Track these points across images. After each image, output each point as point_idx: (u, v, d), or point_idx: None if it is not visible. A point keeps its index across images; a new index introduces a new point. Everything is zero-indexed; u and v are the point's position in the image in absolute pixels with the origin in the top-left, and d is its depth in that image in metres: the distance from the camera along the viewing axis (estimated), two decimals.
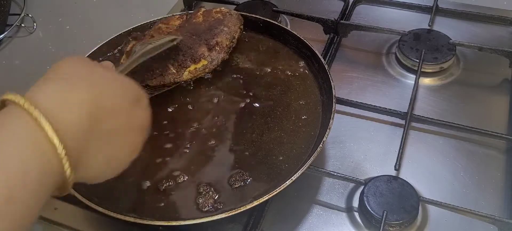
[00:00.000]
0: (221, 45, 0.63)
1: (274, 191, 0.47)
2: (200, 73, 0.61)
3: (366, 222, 0.52)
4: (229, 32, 0.64)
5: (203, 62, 0.61)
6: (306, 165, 0.49)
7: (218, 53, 0.62)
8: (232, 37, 0.65)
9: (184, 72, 0.60)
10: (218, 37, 0.63)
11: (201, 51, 0.61)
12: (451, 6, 0.80)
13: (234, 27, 0.65)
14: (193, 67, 0.61)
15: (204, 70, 0.61)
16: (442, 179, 0.56)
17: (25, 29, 0.85)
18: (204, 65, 0.61)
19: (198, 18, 0.67)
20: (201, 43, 0.62)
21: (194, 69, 0.61)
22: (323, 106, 0.59)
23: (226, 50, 0.63)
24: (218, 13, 0.67)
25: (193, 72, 0.61)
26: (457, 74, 0.70)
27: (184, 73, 0.60)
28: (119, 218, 0.46)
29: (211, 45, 0.62)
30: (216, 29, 0.64)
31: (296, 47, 0.67)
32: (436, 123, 0.61)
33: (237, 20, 0.67)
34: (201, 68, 0.61)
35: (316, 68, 0.63)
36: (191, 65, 0.60)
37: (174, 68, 0.60)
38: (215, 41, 0.62)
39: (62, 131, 0.31)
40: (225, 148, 0.55)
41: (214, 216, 0.46)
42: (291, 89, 0.62)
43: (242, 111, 0.59)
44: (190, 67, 0.60)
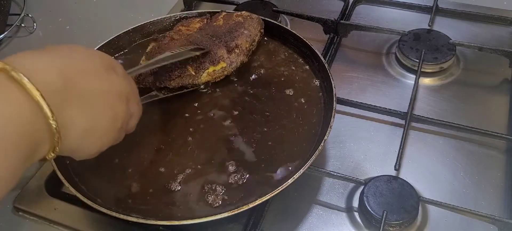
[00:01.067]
0: (241, 48, 0.63)
1: (274, 190, 0.47)
2: (218, 76, 0.61)
3: (366, 222, 0.52)
4: (249, 35, 0.64)
5: (222, 65, 0.61)
6: (307, 164, 0.49)
7: (237, 55, 0.62)
8: (252, 40, 0.65)
9: (203, 74, 0.60)
10: (238, 39, 0.63)
11: (220, 54, 0.61)
12: (451, 6, 0.80)
13: (254, 31, 0.65)
14: (212, 69, 0.60)
15: (222, 73, 0.61)
16: (442, 179, 0.56)
17: (25, 29, 0.85)
18: (223, 68, 0.61)
19: (219, 21, 0.67)
20: (220, 46, 0.62)
21: (213, 71, 0.61)
22: (324, 105, 0.59)
23: (245, 53, 0.63)
24: (238, 16, 0.67)
25: (212, 74, 0.61)
26: (457, 74, 0.70)
27: (203, 75, 0.60)
28: (122, 218, 0.46)
29: (230, 47, 0.62)
30: (236, 32, 0.64)
31: (296, 47, 0.67)
32: (436, 123, 0.61)
33: (257, 24, 0.66)
34: (219, 70, 0.61)
35: (316, 67, 0.63)
36: (209, 67, 0.60)
37: (192, 70, 0.60)
38: (235, 44, 0.62)
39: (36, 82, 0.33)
40: (226, 147, 0.55)
41: (216, 215, 0.46)
42: (292, 88, 0.62)
43: (243, 111, 0.59)
44: (208, 69, 0.60)
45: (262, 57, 0.67)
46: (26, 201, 0.56)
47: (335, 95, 0.56)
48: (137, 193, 0.51)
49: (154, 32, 0.71)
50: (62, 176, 0.50)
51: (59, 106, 0.35)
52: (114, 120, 0.42)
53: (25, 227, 0.55)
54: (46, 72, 0.35)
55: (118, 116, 0.43)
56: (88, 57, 0.41)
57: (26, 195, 0.56)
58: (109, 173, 0.53)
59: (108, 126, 0.42)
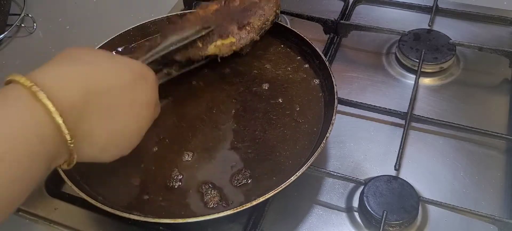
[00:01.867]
0: (252, 26, 0.62)
1: (275, 189, 0.47)
2: (226, 51, 0.61)
3: (366, 222, 0.52)
4: (263, 14, 0.64)
5: (231, 39, 0.61)
6: (308, 163, 0.49)
7: (247, 32, 0.62)
8: (266, 19, 0.64)
9: (210, 46, 0.60)
10: (250, 18, 0.63)
11: (230, 29, 0.61)
12: (451, 6, 0.80)
13: (269, 11, 0.65)
14: (220, 42, 0.60)
15: (230, 47, 0.61)
16: (442, 179, 0.56)
17: (25, 29, 0.85)
18: (231, 42, 0.61)
19: (235, 2, 0.66)
20: (232, 22, 0.62)
21: (221, 44, 0.60)
22: (325, 103, 0.59)
23: (257, 31, 0.63)
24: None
25: (219, 46, 0.60)
26: (457, 74, 0.70)
27: (210, 47, 0.60)
28: (124, 216, 0.46)
29: (242, 24, 0.62)
30: (250, 11, 0.64)
31: (296, 45, 0.67)
32: (436, 123, 0.61)
33: (273, 4, 0.66)
34: (228, 44, 0.61)
35: (317, 65, 0.63)
36: (218, 39, 0.60)
37: (200, 42, 0.59)
38: (247, 21, 0.62)
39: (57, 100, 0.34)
40: (227, 145, 0.55)
41: (216, 214, 0.46)
42: (293, 86, 0.62)
43: (243, 109, 0.59)
44: (216, 41, 0.60)
45: (263, 56, 0.67)
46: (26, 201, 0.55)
47: (336, 93, 0.56)
48: (138, 192, 0.51)
49: (154, 32, 0.71)
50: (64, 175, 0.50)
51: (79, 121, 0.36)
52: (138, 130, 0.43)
53: (25, 227, 0.55)
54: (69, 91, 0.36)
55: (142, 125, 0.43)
56: (117, 71, 0.41)
57: None
58: (110, 173, 0.53)
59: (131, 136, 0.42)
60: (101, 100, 0.38)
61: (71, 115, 0.35)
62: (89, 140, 0.38)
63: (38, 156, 0.33)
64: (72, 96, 0.36)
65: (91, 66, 0.39)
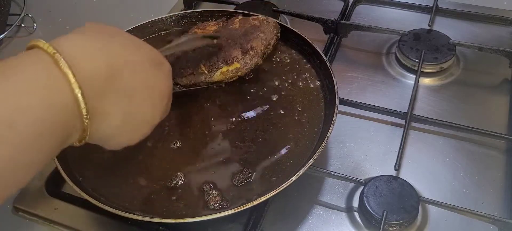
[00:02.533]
0: (256, 50, 0.62)
1: (275, 189, 0.47)
2: (231, 76, 0.61)
3: (366, 222, 0.52)
4: (264, 38, 0.64)
5: (235, 65, 0.61)
6: (309, 163, 0.49)
7: (252, 57, 0.62)
8: (268, 43, 0.64)
9: (216, 73, 0.60)
10: (253, 42, 0.63)
11: (234, 54, 0.61)
12: (451, 6, 0.80)
13: (270, 34, 0.65)
14: (225, 68, 0.60)
15: (236, 73, 0.61)
16: (442, 179, 0.56)
17: (25, 29, 0.86)
18: (236, 68, 0.61)
19: (235, 24, 0.66)
20: (235, 47, 0.62)
21: (226, 70, 0.60)
22: (326, 103, 0.59)
23: (260, 55, 0.63)
24: (255, 20, 0.67)
25: (225, 73, 0.61)
26: (457, 74, 0.70)
27: (216, 74, 0.60)
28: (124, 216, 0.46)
29: (245, 49, 0.62)
30: (251, 35, 0.63)
31: (297, 46, 0.67)
32: (436, 123, 0.61)
33: (273, 28, 0.66)
34: (233, 70, 0.61)
35: (318, 66, 0.63)
36: (223, 66, 0.60)
37: (206, 69, 0.60)
38: (250, 46, 0.62)
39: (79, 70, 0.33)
40: (228, 145, 0.55)
41: (217, 214, 0.46)
42: (293, 86, 0.62)
43: (245, 108, 0.59)
44: (222, 68, 0.60)
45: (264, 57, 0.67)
46: (26, 201, 0.56)
47: (337, 93, 0.56)
48: (138, 192, 0.51)
49: (155, 31, 0.72)
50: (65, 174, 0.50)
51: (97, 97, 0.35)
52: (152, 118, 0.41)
53: (25, 227, 0.55)
54: (93, 64, 0.35)
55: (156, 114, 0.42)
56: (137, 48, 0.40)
57: (26, 195, 0.56)
58: (111, 173, 0.53)
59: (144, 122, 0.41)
60: (122, 78, 0.37)
61: (91, 89, 0.34)
62: (104, 119, 0.36)
63: (51, 125, 0.32)
64: (94, 68, 0.34)
65: (115, 42, 0.38)
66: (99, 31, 0.38)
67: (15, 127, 0.29)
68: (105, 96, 0.36)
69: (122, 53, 0.38)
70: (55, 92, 0.32)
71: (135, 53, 0.39)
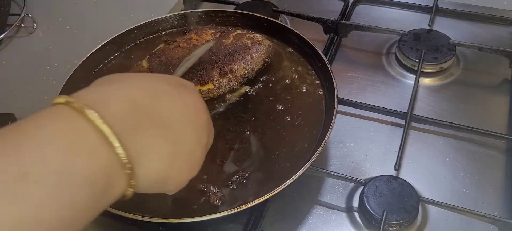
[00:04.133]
0: (235, 74, 0.60)
1: (274, 190, 0.47)
2: (203, 96, 0.58)
3: (366, 222, 0.52)
4: (249, 62, 0.61)
5: (209, 86, 0.59)
6: (308, 165, 0.49)
7: (228, 81, 0.59)
8: (252, 68, 0.61)
9: None
10: (235, 64, 0.60)
11: (211, 75, 0.59)
12: (451, 6, 0.80)
13: (258, 59, 0.62)
14: (198, 88, 0.58)
15: (207, 94, 0.59)
16: (442, 179, 0.56)
17: (25, 29, 0.85)
18: (209, 89, 0.59)
19: (229, 39, 0.64)
20: (215, 66, 0.60)
21: (198, 90, 0.57)
22: (325, 105, 0.59)
23: (239, 80, 0.60)
24: (249, 39, 0.64)
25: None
26: (457, 74, 0.70)
27: None
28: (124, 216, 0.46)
29: (224, 71, 0.59)
30: (237, 55, 0.61)
31: (298, 46, 0.67)
32: (436, 123, 0.61)
33: (264, 52, 0.63)
34: (205, 91, 0.59)
35: (318, 67, 0.63)
36: (197, 85, 0.58)
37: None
38: (230, 68, 0.60)
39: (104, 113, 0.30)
40: (227, 147, 0.55)
41: (217, 214, 0.46)
42: (293, 87, 0.62)
43: (244, 110, 0.59)
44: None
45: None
46: None
47: (337, 96, 0.56)
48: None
49: (158, 30, 0.72)
50: None
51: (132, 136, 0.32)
52: (198, 137, 0.38)
53: None
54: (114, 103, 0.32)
55: (201, 131, 0.39)
56: (155, 80, 0.38)
57: None
58: None
59: (194, 144, 0.38)
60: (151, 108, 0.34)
61: (123, 128, 0.31)
62: (150, 153, 0.33)
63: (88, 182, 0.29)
64: (119, 109, 0.32)
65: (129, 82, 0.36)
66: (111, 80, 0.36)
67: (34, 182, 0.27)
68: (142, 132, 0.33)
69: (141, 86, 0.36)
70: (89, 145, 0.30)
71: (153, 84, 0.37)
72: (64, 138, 0.29)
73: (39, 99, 0.70)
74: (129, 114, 0.32)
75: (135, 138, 0.32)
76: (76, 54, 0.65)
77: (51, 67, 0.77)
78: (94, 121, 0.30)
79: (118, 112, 0.32)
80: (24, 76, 0.77)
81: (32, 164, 0.27)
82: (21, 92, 0.73)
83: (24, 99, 0.72)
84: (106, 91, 0.34)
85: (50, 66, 0.77)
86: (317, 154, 0.50)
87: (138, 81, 0.37)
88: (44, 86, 0.74)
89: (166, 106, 0.36)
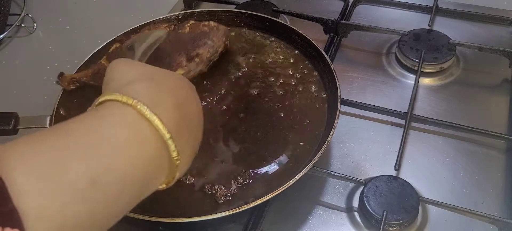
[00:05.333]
0: (201, 58, 0.61)
1: (275, 191, 0.47)
2: None
3: (366, 222, 0.52)
4: (212, 45, 0.63)
5: (180, 72, 0.60)
6: (310, 164, 0.49)
7: (196, 64, 0.61)
8: (215, 51, 0.63)
9: None
10: (200, 49, 0.62)
11: (179, 61, 0.60)
12: (451, 6, 0.80)
13: (218, 42, 0.64)
14: None
15: None
16: (442, 179, 0.56)
17: (25, 29, 0.85)
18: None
19: (185, 29, 0.65)
20: (181, 53, 0.61)
21: None
22: (328, 106, 0.59)
23: (206, 62, 0.62)
24: (205, 26, 0.65)
25: None
26: (457, 74, 0.70)
27: None
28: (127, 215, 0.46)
29: (191, 56, 0.61)
30: (199, 41, 0.62)
31: (301, 47, 0.67)
32: (436, 123, 0.61)
33: (222, 35, 0.64)
34: None
35: (321, 67, 0.63)
36: None
37: None
38: (196, 53, 0.61)
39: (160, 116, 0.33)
40: (229, 146, 0.55)
41: (217, 214, 0.46)
42: (296, 88, 0.62)
43: (246, 110, 0.59)
44: None
45: (265, 57, 0.67)
46: None
47: (340, 97, 0.56)
48: None
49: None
50: None
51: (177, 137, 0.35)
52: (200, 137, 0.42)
53: None
54: (166, 109, 0.35)
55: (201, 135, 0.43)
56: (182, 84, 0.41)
57: None
58: None
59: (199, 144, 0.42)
60: (187, 114, 0.37)
61: (173, 131, 0.34)
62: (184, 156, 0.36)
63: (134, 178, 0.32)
64: (169, 112, 0.35)
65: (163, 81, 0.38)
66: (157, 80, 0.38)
67: (98, 184, 0.29)
68: (182, 134, 0.36)
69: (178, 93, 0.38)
70: (142, 146, 0.32)
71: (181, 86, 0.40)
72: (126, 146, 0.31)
73: (39, 99, 0.70)
74: (177, 118, 0.35)
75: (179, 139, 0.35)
76: (76, 54, 0.66)
77: (51, 67, 0.77)
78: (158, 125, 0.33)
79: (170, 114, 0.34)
80: (24, 76, 0.77)
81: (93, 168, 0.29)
82: (21, 92, 0.73)
83: (24, 99, 0.72)
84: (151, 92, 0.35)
85: (50, 66, 0.77)
86: (319, 154, 0.50)
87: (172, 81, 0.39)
88: (44, 86, 0.74)
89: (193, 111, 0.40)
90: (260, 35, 0.71)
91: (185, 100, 0.38)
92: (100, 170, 0.29)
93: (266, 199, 0.47)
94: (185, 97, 0.39)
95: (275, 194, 0.47)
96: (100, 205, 0.29)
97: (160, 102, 0.34)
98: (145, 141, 0.32)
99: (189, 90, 0.41)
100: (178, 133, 0.35)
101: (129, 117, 0.32)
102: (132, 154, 0.31)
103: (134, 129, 0.32)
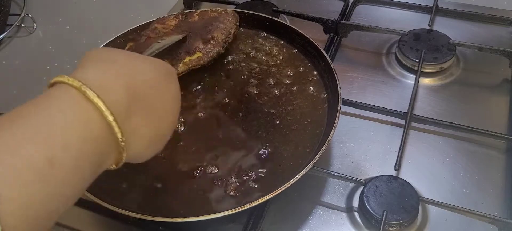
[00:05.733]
0: (217, 40, 0.64)
1: (275, 191, 0.47)
2: (194, 65, 0.62)
3: (366, 222, 0.52)
4: (224, 28, 0.65)
5: (198, 55, 0.62)
6: (311, 164, 0.49)
7: (213, 46, 0.63)
8: (228, 32, 0.65)
9: (179, 64, 0.61)
10: (214, 32, 0.64)
11: (196, 45, 0.63)
12: (451, 6, 0.80)
13: (230, 24, 0.66)
14: (188, 59, 0.62)
15: (198, 62, 0.62)
16: (442, 179, 0.56)
17: (25, 29, 0.85)
18: (198, 57, 0.62)
19: (194, 17, 0.68)
20: (196, 38, 0.63)
21: (189, 60, 0.62)
22: (328, 105, 0.59)
23: (221, 44, 0.64)
24: (214, 12, 0.68)
25: (187, 63, 0.62)
26: (457, 74, 0.70)
27: (179, 65, 0.61)
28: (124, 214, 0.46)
29: (206, 39, 0.63)
30: (211, 26, 0.65)
31: (302, 46, 0.67)
32: (436, 123, 0.61)
33: (232, 17, 0.67)
34: (195, 59, 0.62)
35: (322, 67, 0.63)
36: (185, 57, 0.62)
37: (169, 62, 0.60)
38: (211, 36, 0.64)
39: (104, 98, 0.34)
40: (229, 146, 0.55)
41: (216, 214, 0.46)
42: (296, 87, 0.62)
43: (246, 110, 0.59)
44: (185, 59, 0.61)
45: (266, 57, 0.67)
46: None
47: (340, 96, 0.56)
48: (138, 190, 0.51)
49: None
50: None
51: (125, 120, 0.36)
52: (173, 124, 0.43)
53: None
54: (114, 91, 0.35)
55: (176, 119, 0.44)
56: (150, 67, 0.41)
57: None
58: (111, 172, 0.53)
59: (169, 131, 0.43)
60: (143, 97, 0.38)
61: (119, 112, 0.35)
62: (136, 137, 0.38)
63: (88, 157, 0.33)
64: (117, 94, 0.35)
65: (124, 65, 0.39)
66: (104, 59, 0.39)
67: (55, 163, 0.30)
68: (133, 115, 0.37)
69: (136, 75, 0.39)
70: (89, 124, 0.33)
71: (148, 71, 0.40)
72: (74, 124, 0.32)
73: None
74: (125, 100, 0.36)
75: (128, 121, 0.36)
76: (76, 54, 0.65)
77: (51, 67, 0.77)
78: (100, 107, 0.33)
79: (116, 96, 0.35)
80: (24, 76, 0.77)
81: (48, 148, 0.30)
82: (21, 92, 0.73)
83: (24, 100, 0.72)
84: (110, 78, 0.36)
85: (50, 66, 0.77)
86: (320, 153, 0.50)
87: (137, 67, 0.40)
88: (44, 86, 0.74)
89: (157, 97, 0.40)
90: (260, 35, 0.71)
91: (145, 83, 0.39)
92: (57, 149, 0.30)
93: (266, 199, 0.47)
94: (148, 80, 0.39)
95: (275, 194, 0.47)
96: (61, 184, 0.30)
97: (109, 85, 0.35)
98: (90, 122, 0.33)
99: (157, 75, 0.41)
100: (127, 115, 0.36)
101: (75, 98, 0.33)
102: (80, 134, 0.32)
103: (80, 109, 0.33)
